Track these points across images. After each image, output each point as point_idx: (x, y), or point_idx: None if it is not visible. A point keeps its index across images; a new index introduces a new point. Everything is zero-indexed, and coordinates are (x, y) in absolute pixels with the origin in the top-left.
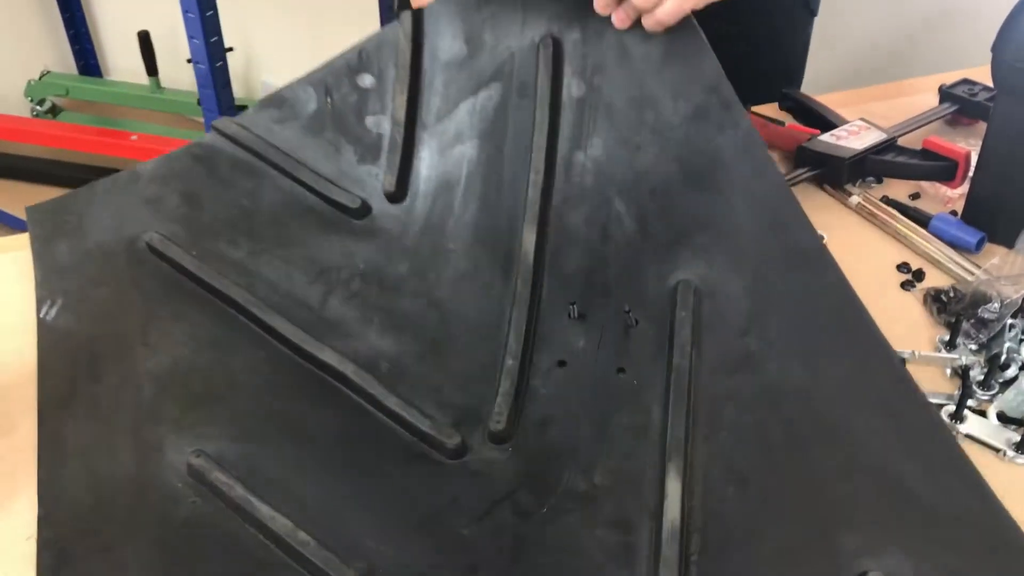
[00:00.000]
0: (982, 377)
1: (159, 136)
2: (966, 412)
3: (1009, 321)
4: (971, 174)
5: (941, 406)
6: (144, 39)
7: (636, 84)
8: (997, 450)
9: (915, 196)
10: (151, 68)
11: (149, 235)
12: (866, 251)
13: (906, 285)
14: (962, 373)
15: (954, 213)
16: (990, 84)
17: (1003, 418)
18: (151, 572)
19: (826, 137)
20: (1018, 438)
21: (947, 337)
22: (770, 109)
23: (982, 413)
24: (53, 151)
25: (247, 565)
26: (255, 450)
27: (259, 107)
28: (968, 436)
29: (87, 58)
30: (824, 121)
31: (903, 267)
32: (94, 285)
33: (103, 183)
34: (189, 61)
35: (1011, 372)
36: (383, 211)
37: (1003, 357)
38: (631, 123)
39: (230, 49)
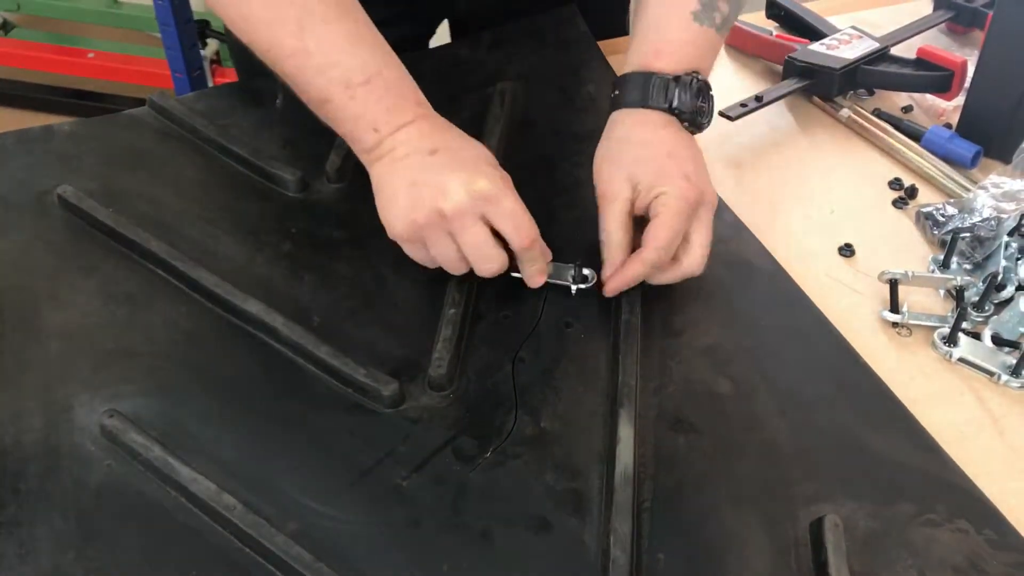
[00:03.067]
0: (977, 298)
1: (117, 54)
2: (959, 335)
3: (1006, 239)
4: (967, 85)
5: (934, 328)
6: None
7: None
8: (991, 374)
9: (907, 109)
10: None
11: (62, 188)
12: (856, 167)
13: (898, 202)
14: (957, 294)
15: (948, 126)
16: None
17: (998, 340)
18: (64, 547)
19: (815, 47)
20: (1013, 361)
21: (941, 256)
22: (756, 18)
23: (976, 336)
24: (5, 70)
25: (169, 533)
26: (174, 408)
27: (200, 95)
28: (962, 360)
29: None
30: (813, 30)
31: (895, 183)
32: None
33: (9, 135)
34: None
35: (1007, 292)
36: (321, 188)
37: (999, 277)
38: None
39: None
